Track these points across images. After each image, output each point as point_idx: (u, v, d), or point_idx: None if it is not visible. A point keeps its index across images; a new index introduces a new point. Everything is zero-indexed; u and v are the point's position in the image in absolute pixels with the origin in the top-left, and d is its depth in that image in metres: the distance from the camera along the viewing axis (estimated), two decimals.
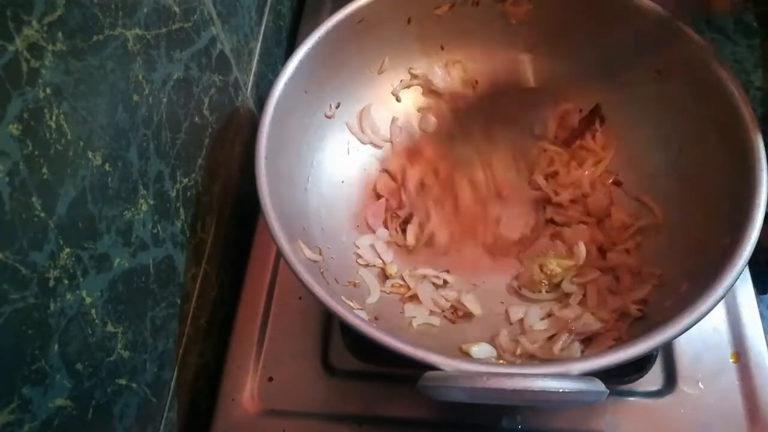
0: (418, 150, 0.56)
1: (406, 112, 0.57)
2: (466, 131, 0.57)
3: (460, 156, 0.56)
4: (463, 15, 0.54)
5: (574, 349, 0.42)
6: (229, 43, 0.49)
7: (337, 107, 0.53)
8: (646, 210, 0.49)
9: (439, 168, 0.55)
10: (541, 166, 0.54)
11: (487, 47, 0.57)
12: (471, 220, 0.53)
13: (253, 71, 0.57)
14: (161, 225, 0.38)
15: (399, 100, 0.57)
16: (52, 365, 0.27)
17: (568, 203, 0.52)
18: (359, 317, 0.37)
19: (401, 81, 0.57)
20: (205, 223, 0.47)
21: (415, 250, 0.51)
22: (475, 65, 0.57)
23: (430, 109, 0.57)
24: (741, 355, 0.46)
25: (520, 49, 0.56)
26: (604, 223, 0.51)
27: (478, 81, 0.58)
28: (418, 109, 0.58)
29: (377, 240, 0.51)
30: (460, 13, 0.54)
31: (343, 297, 0.42)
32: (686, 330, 0.34)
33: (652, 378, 0.46)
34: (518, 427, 0.44)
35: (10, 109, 0.24)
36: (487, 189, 0.54)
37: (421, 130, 0.57)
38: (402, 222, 0.52)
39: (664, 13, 0.46)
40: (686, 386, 0.45)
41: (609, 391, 0.32)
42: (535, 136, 0.56)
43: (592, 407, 0.44)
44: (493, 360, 0.43)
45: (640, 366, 0.46)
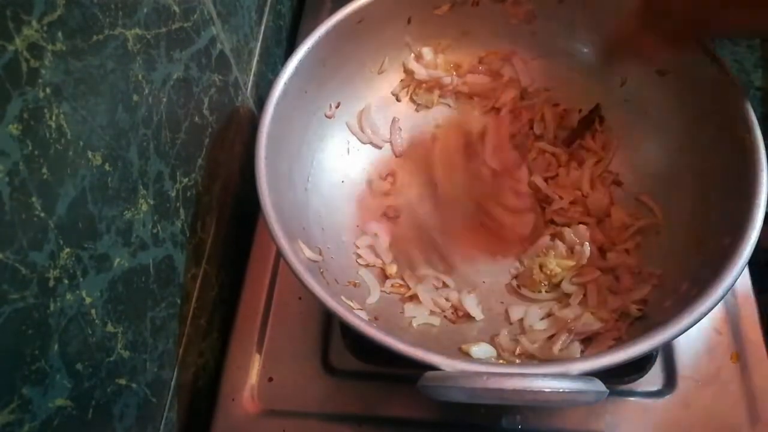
0: (419, 152, 0.56)
1: (406, 112, 0.57)
2: (465, 131, 0.57)
3: (459, 157, 0.56)
4: (463, 15, 0.54)
5: (573, 349, 0.42)
6: (229, 43, 0.49)
7: (337, 107, 0.53)
8: (646, 210, 0.49)
9: (439, 171, 0.55)
10: (540, 167, 0.54)
11: (487, 47, 0.57)
12: (471, 221, 0.53)
13: (253, 71, 0.57)
14: (161, 225, 0.38)
15: (399, 100, 0.57)
16: (52, 365, 0.27)
17: (567, 204, 0.52)
18: (359, 317, 0.37)
19: (401, 81, 0.57)
20: (205, 223, 0.47)
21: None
22: (475, 65, 0.57)
23: (429, 108, 0.57)
24: (741, 355, 0.46)
25: (520, 49, 0.56)
26: (604, 223, 0.50)
27: (477, 80, 0.58)
28: (417, 108, 0.58)
29: (378, 240, 0.51)
30: (460, 13, 0.54)
31: (343, 297, 0.42)
32: (686, 330, 0.34)
33: (652, 378, 0.46)
34: (518, 427, 0.44)
35: (10, 109, 0.24)
36: (488, 190, 0.54)
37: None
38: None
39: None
40: (686, 386, 0.45)
41: (609, 391, 0.32)
42: (534, 136, 0.56)
43: (592, 407, 0.44)
44: (493, 360, 0.43)
45: (640, 366, 0.46)
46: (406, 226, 0.53)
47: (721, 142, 0.43)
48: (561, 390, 0.31)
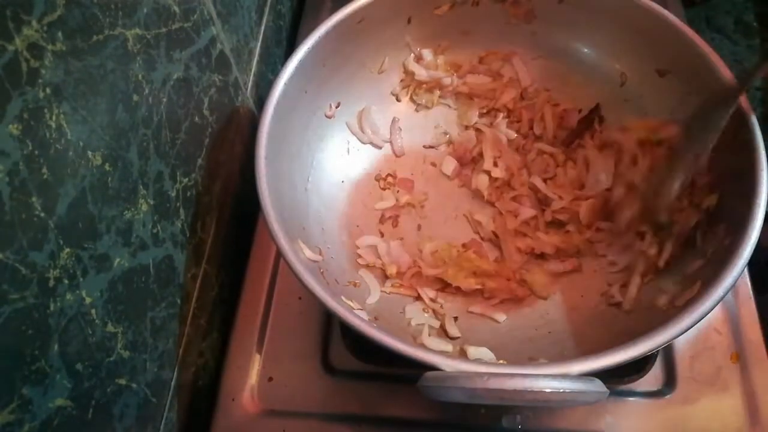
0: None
1: (406, 112, 0.57)
2: (464, 130, 0.57)
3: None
4: (463, 15, 0.54)
5: None
6: (229, 43, 0.49)
7: (337, 107, 0.53)
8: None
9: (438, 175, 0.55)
10: (538, 168, 0.54)
11: (487, 47, 0.57)
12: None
13: (253, 71, 0.57)
14: (161, 225, 0.38)
15: (399, 100, 0.57)
16: (52, 365, 0.27)
17: (568, 203, 0.52)
18: (359, 317, 0.37)
19: (401, 81, 0.57)
20: (205, 223, 0.47)
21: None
22: (475, 65, 0.57)
23: (429, 109, 0.58)
24: (741, 355, 0.46)
25: (520, 49, 0.56)
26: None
27: (477, 81, 0.58)
28: (417, 108, 0.58)
29: (378, 240, 0.51)
30: (460, 13, 0.54)
31: (343, 297, 0.42)
32: (686, 330, 0.34)
33: (652, 378, 0.46)
34: (518, 427, 0.44)
35: (10, 109, 0.24)
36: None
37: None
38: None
39: (664, 12, 0.46)
40: (686, 386, 0.45)
41: (609, 391, 0.32)
42: (534, 136, 0.56)
43: (592, 407, 0.44)
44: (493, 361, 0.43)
45: (640, 366, 0.46)
46: (406, 226, 0.53)
47: (722, 142, 0.43)
48: (561, 390, 0.31)
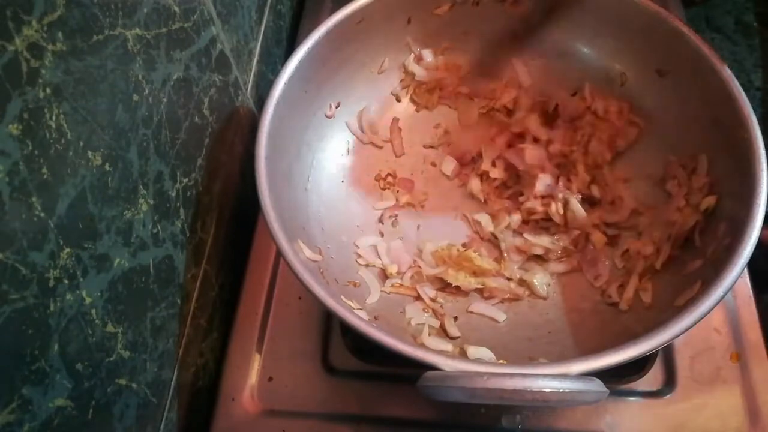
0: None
1: (406, 112, 0.57)
2: (463, 131, 0.57)
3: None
4: (463, 15, 0.54)
5: None
6: (229, 43, 0.49)
7: (337, 107, 0.53)
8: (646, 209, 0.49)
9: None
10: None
11: (487, 47, 0.57)
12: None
13: (253, 71, 0.57)
14: (161, 225, 0.38)
15: (399, 100, 0.57)
16: (52, 365, 0.27)
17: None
18: (359, 317, 0.37)
19: (401, 81, 0.57)
20: (205, 223, 0.47)
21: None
22: (475, 65, 0.57)
23: (430, 109, 0.58)
24: (741, 355, 0.46)
25: (520, 49, 0.56)
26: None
27: (477, 81, 0.58)
28: (417, 109, 0.58)
29: (378, 240, 0.51)
30: (460, 13, 0.54)
31: (343, 297, 0.42)
32: (686, 330, 0.34)
33: (652, 378, 0.46)
34: (518, 427, 0.44)
35: (10, 109, 0.24)
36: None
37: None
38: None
39: (664, 12, 0.46)
40: (686, 386, 0.45)
41: (609, 391, 0.32)
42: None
43: (592, 407, 0.44)
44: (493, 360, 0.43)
45: (640, 366, 0.46)
46: (406, 226, 0.53)
47: (722, 142, 0.43)
48: (561, 390, 0.31)
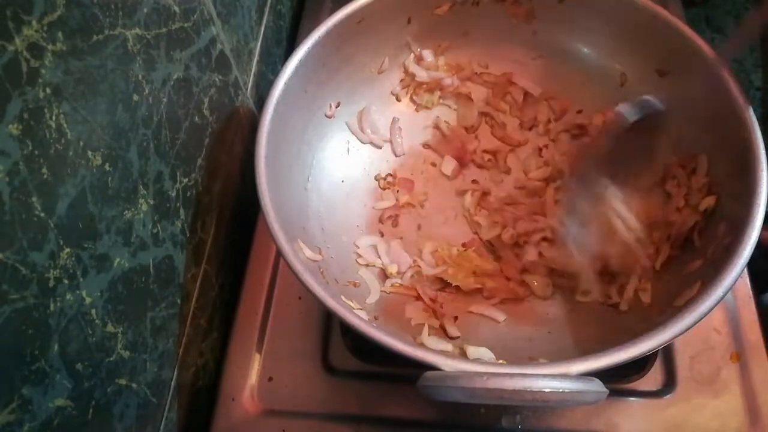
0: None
1: (406, 112, 0.57)
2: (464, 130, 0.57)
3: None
4: (463, 15, 0.54)
5: None
6: (229, 43, 0.49)
7: (337, 107, 0.53)
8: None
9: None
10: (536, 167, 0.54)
11: (487, 47, 0.57)
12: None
13: (253, 71, 0.57)
14: (161, 225, 0.38)
15: (399, 100, 0.57)
16: (52, 365, 0.27)
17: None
18: (359, 317, 0.37)
19: (401, 81, 0.57)
20: (205, 223, 0.47)
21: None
22: (475, 66, 0.57)
23: (430, 109, 0.58)
24: (741, 355, 0.46)
25: (520, 49, 0.56)
26: None
27: (477, 81, 0.58)
28: (417, 109, 0.58)
29: (378, 240, 0.51)
30: (460, 13, 0.54)
31: (343, 297, 0.42)
32: (686, 330, 0.34)
33: (652, 378, 0.46)
34: (518, 427, 0.44)
35: (10, 109, 0.24)
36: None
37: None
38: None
39: (664, 12, 0.46)
40: (686, 386, 0.45)
41: (609, 391, 0.32)
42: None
43: (592, 407, 0.44)
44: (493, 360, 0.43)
45: (640, 366, 0.46)
46: (406, 226, 0.53)
47: (722, 142, 0.43)
48: (561, 390, 0.31)
